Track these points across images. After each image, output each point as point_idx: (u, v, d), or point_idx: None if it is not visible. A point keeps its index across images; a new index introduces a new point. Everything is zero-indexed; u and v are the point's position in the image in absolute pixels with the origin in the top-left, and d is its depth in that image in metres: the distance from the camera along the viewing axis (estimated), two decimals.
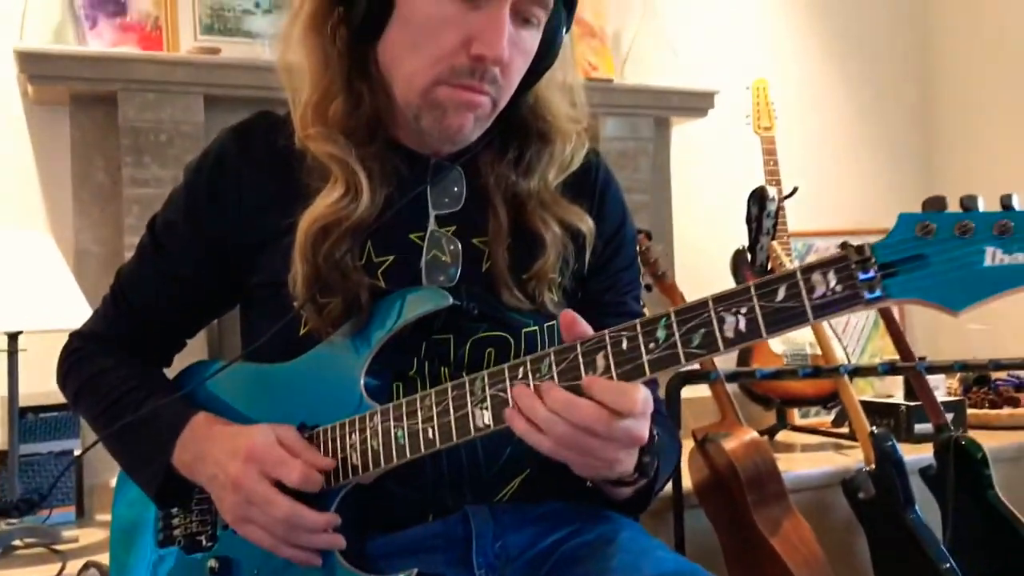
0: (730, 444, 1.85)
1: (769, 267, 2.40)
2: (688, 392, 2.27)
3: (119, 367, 1.09)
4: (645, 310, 1.14)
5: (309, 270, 0.97)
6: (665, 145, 2.57)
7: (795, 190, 2.45)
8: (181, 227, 1.08)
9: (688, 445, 2.02)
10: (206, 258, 1.07)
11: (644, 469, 0.92)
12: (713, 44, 2.75)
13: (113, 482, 1.16)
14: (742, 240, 2.44)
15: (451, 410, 0.88)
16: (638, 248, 2.17)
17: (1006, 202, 0.73)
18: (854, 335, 2.83)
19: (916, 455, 2.13)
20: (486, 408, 0.86)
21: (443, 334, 1.01)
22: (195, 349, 1.20)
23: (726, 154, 2.70)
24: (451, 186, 1.05)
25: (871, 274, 0.72)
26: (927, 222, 0.72)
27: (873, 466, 1.96)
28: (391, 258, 1.02)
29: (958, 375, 2.70)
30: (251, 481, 0.93)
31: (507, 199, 1.04)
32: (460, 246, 1.03)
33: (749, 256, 2.42)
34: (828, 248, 2.73)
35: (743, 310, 0.76)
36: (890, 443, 1.94)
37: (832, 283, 0.74)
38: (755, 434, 1.91)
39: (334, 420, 0.96)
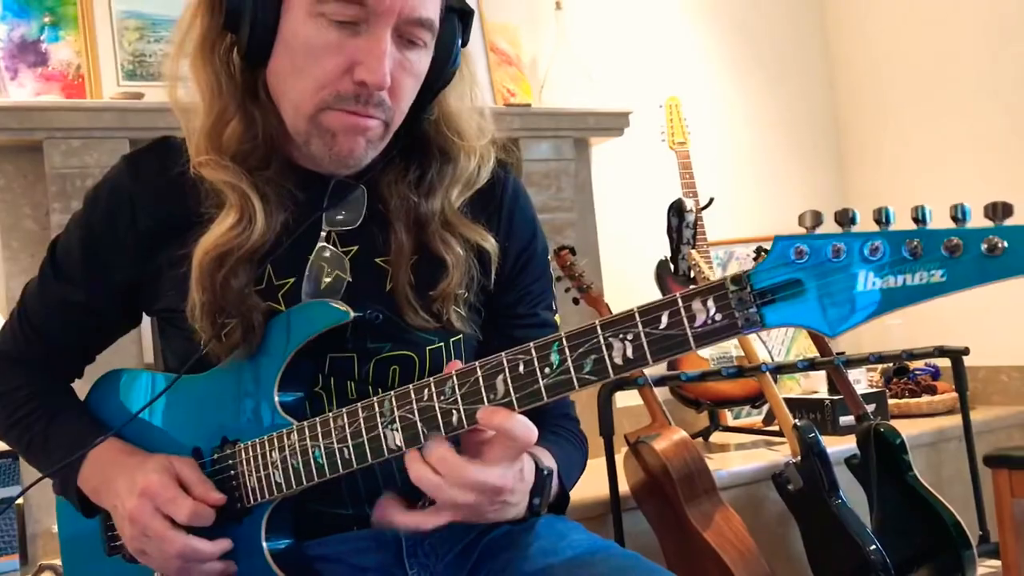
0: (661, 444, 1.91)
1: (692, 275, 2.51)
2: (625, 400, 2.35)
3: (21, 388, 1.11)
4: (557, 318, 1.19)
5: (207, 298, 0.98)
6: (586, 164, 2.65)
7: (711, 201, 2.56)
8: (77, 255, 1.08)
9: (623, 450, 2.09)
10: (103, 287, 1.07)
11: (533, 509, 0.97)
12: (626, 66, 2.84)
13: (55, 528, 1.21)
14: (664, 251, 2.53)
15: (363, 431, 0.90)
16: (562, 262, 2.25)
17: (917, 216, 0.70)
18: (778, 336, 2.94)
19: (842, 446, 2.23)
20: (396, 429, 0.89)
21: (344, 352, 1.02)
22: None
23: (644, 170, 2.79)
24: (352, 204, 1.05)
25: (748, 304, 0.72)
26: (801, 246, 0.71)
27: (799, 458, 2.04)
28: (291, 281, 1.02)
29: (879, 368, 2.81)
30: (145, 517, 0.96)
31: (409, 220, 1.04)
32: (346, 261, 1.03)
33: (672, 266, 2.51)
34: (748, 255, 2.83)
35: (629, 336, 0.77)
36: (812, 435, 2.01)
37: (711, 311, 0.74)
38: (684, 434, 1.98)
39: (251, 434, 0.99)
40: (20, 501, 1.91)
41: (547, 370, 0.82)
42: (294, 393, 1.00)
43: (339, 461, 0.92)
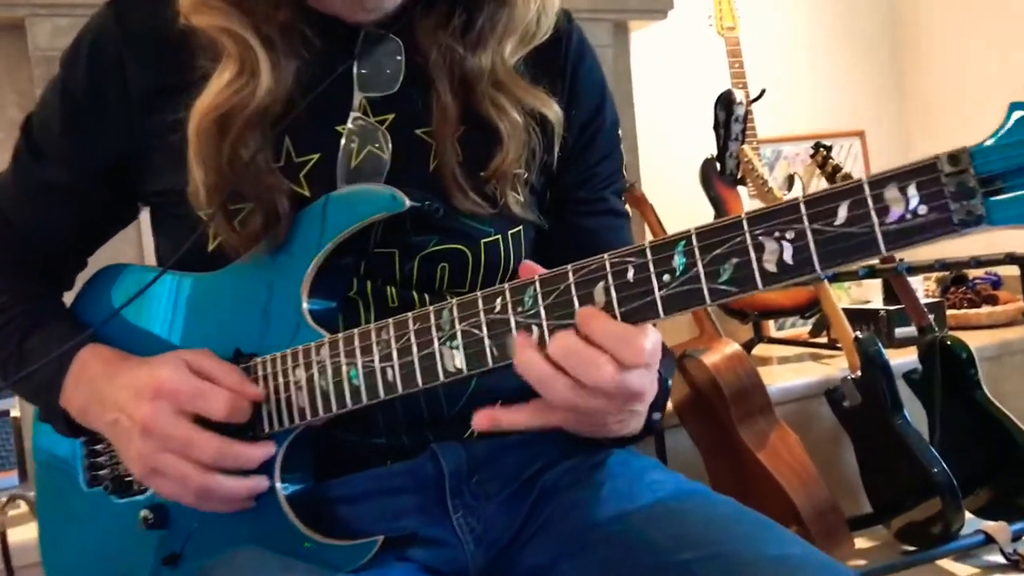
0: (711, 359, 1.76)
1: (740, 175, 2.32)
2: None
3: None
4: (628, 207, 0.99)
5: (212, 177, 0.80)
6: (625, 51, 2.43)
7: (763, 92, 2.36)
8: (57, 128, 0.89)
9: None
10: (90, 163, 0.89)
11: (651, 425, 0.80)
12: None
13: None
14: (710, 148, 2.36)
15: (414, 347, 0.72)
16: None
17: None
18: None
19: (898, 359, 2.07)
20: (456, 348, 0.70)
21: (385, 248, 0.84)
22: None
23: (689, 58, 2.58)
24: (386, 62, 0.87)
25: (969, 192, 0.54)
26: None
27: (859, 373, 1.90)
28: (315, 157, 0.84)
29: (935, 276, 2.64)
30: (165, 422, 0.77)
31: (454, 79, 0.86)
32: (391, 140, 0.85)
33: (718, 164, 2.34)
34: (798, 155, 2.63)
35: (789, 235, 0.58)
36: (876, 348, 1.88)
37: (913, 202, 0.55)
38: (736, 346, 1.83)
39: (272, 347, 0.81)
40: (16, 413, 1.77)
41: (667, 277, 0.63)
42: (326, 301, 0.82)
43: (380, 384, 0.74)
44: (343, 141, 0.84)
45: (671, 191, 2.38)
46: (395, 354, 0.73)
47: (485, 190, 0.86)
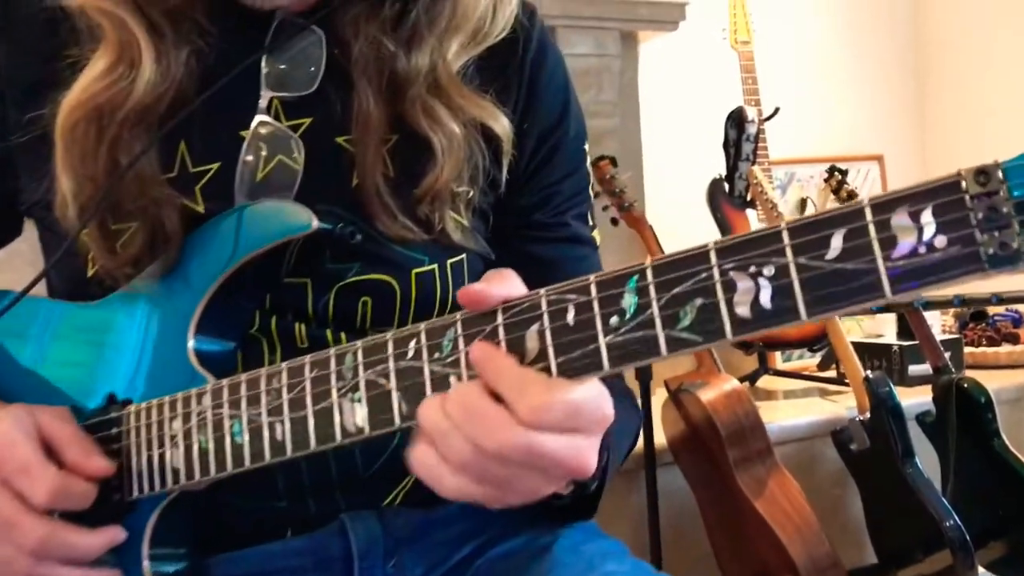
0: (708, 395, 1.64)
1: (749, 197, 2.19)
2: None
3: None
4: (596, 234, 0.87)
5: (84, 188, 0.68)
6: (633, 62, 2.34)
7: (777, 111, 2.25)
8: None
9: (662, 396, 1.82)
10: None
11: (587, 492, 0.68)
12: None
13: None
14: (719, 167, 2.24)
15: (308, 400, 0.60)
16: (601, 175, 1.94)
17: None
18: None
19: (910, 400, 1.96)
20: (358, 401, 0.57)
21: (296, 277, 0.72)
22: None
23: (700, 72, 2.46)
24: (303, 57, 0.74)
25: (1001, 218, 0.42)
26: None
27: (868, 414, 1.78)
28: (214, 167, 0.72)
29: (952, 311, 2.51)
30: None
31: (381, 80, 0.74)
32: (295, 142, 0.73)
33: (727, 185, 2.21)
34: (812, 177, 2.51)
35: (767, 270, 0.46)
36: (887, 389, 1.76)
37: (928, 232, 0.43)
38: (735, 383, 1.70)
39: (151, 393, 0.69)
40: None
41: (614, 320, 0.50)
42: (218, 340, 0.70)
43: (267, 443, 0.61)
44: (244, 149, 0.72)
45: (675, 212, 2.27)
46: (286, 406, 0.60)
47: (418, 212, 0.73)
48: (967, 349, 2.40)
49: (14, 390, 0.73)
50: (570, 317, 0.51)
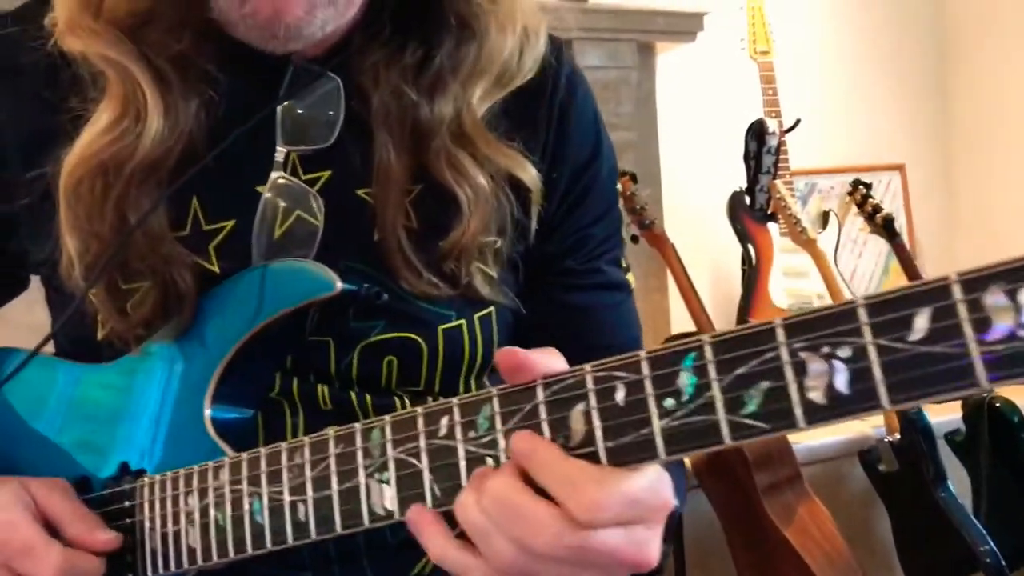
0: None
1: (770, 210, 2.15)
2: None
3: None
4: (630, 277, 0.82)
5: (90, 247, 0.65)
6: (650, 74, 2.27)
7: (798, 122, 2.20)
8: None
9: None
10: None
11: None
12: None
13: None
14: (739, 180, 2.20)
15: (333, 479, 0.55)
16: (621, 192, 1.90)
17: None
18: (861, 282, 2.56)
19: (937, 418, 1.91)
20: (387, 482, 0.53)
21: (318, 336, 0.68)
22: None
23: (719, 83, 2.41)
24: (320, 107, 0.70)
25: None
26: None
27: (897, 436, 1.74)
28: (229, 224, 0.68)
29: None
30: None
31: (403, 131, 0.69)
32: (314, 197, 0.69)
33: (747, 198, 2.18)
34: (833, 188, 2.46)
35: (843, 352, 0.41)
36: (918, 410, 1.71)
37: None
38: None
39: (166, 464, 0.64)
40: None
41: (670, 402, 0.45)
42: (237, 408, 0.66)
43: (288, 524, 0.57)
44: (260, 206, 0.68)
45: (695, 226, 2.22)
46: (309, 485, 0.56)
47: (443, 267, 0.69)
48: None
49: (20, 455, 0.69)
50: (619, 397, 0.46)
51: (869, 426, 2.00)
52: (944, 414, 1.94)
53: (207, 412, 0.64)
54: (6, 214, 0.71)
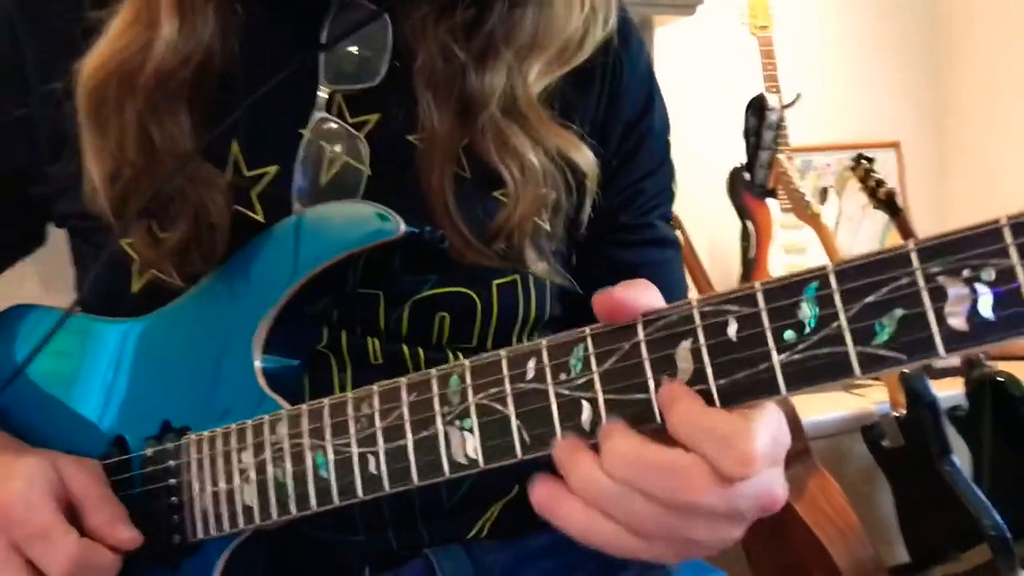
0: None
1: (770, 186, 2.14)
2: None
3: None
4: (678, 234, 0.80)
5: (113, 169, 0.60)
6: (648, 49, 2.25)
7: (798, 97, 2.20)
8: None
9: None
10: None
11: None
12: None
13: None
14: (739, 157, 2.18)
15: (408, 428, 0.51)
16: None
17: None
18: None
19: (941, 393, 1.90)
20: (469, 430, 0.50)
21: (368, 289, 0.64)
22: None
23: (718, 58, 2.39)
24: (366, 44, 0.65)
25: None
26: None
27: (903, 411, 1.73)
28: (271, 171, 0.64)
29: None
30: None
31: (448, 95, 0.65)
32: (361, 142, 0.64)
33: (747, 174, 2.16)
34: (829, 165, 2.45)
35: (986, 274, 0.39)
36: (924, 384, 1.71)
37: None
38: None
39: (211, 421, 0.60)
40: None
41: (790, 335, 0.42)
42: (286, 358, 0.62)
43: (358, 479, 0.53)
44: (303, 151, 0.64)
45: (694, 202, 2.20)
46: (380, 436, 0.52)
47: (493, 248, 0.65)
48: None
49: (51, 420, 0.65)
50: (731, 332, 0.43)
51: (871, 402, 2.00)
52: (946, 390, 1.94)
53: (257, 363, 0.60)
54: (31, 152, 0.67)
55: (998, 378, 1.82)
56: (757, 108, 2.11)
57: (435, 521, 0.65)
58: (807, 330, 0.42)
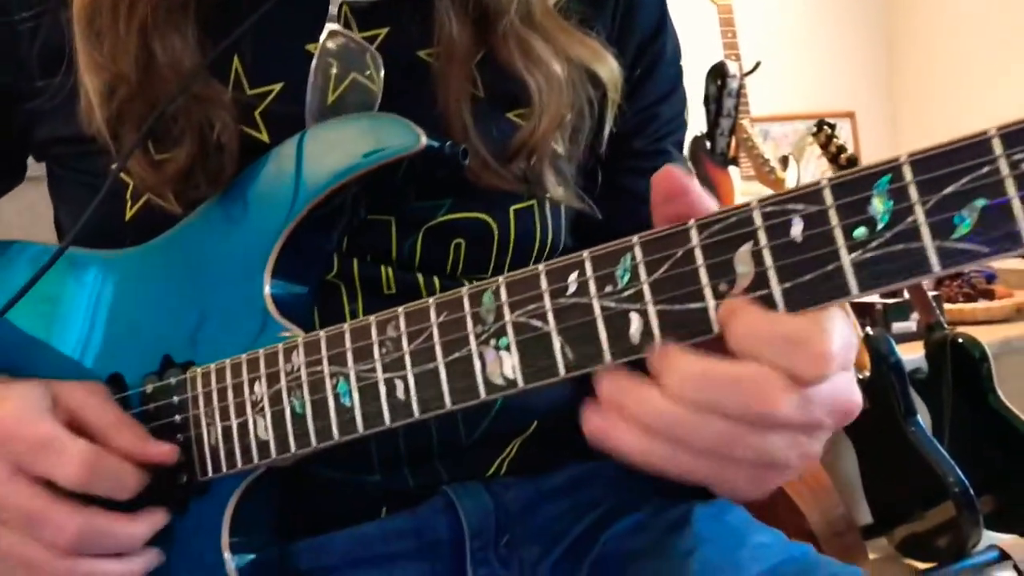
0: None
1: (731, 154, 2.13)
2: None
3: None
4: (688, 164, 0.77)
5: (110, 83, 0.56)
6: None
7: (758, 64, 2.18)
8: None
9: None
10: None
11: None
12: None
13: None
14: (699, 126, 2.17)
15: (438, 350, 0.48)
16: None
17: None
18: None
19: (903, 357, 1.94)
20: (505, 348, 0.46)
21: (379, 214, 0.61)
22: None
23: (678, 26, 2.38)
24: None
25: None
26: None
27: (867, 372, 1.74)
28: (276, 88, 0.60)
29: None
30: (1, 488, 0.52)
31: (464, 3, 0.61)
32: (372, 55, 0.60)
33: (708, 143, 2.15)
34: (786, 136, 2.46)
35: None
36: (888, 346, 1.72)
37: None
38: None
39: (217, 352, 0.56)
40: None
41: (861, 232, 0.39)
42: (295, 284, 0.58)
43: (385, 406, 0.49)
44: (313, 66, 0.60)
45: None
46: (408, 360, 0.49)
47: (512, 168, 0.62)
48: (946, 306, 2.39)
49: (40, 361, 0.60)
50: (796, 232, 0.40)
51: None
52: (907, 353, 1.97)
53: (267, 289, 0.56)
54: (20, 66, 0.62)
55: (958, 340, 1.83)
56: (718, 75, 2.10)
57: (453, 459, 0.62)
58: (880, 226, 0.39)
